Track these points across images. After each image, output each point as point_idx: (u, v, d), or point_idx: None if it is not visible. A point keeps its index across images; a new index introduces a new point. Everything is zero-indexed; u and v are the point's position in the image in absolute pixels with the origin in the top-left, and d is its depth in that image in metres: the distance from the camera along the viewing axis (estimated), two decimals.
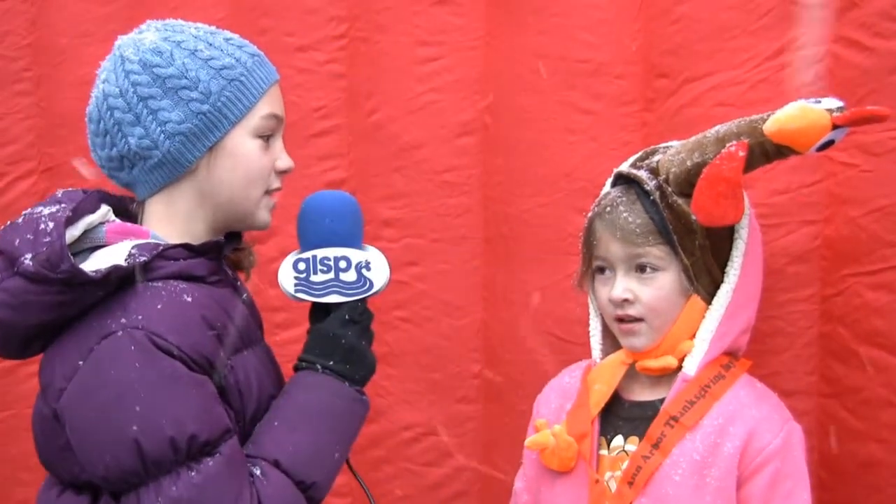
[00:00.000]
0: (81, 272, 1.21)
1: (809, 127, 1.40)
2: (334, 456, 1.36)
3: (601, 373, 1.59)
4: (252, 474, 1.26)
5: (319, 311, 1.44)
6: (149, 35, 1.35)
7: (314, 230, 1.43)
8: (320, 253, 1.41)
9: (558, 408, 1.66)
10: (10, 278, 1.24)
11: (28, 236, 1.24)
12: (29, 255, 1.22)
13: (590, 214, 1.61)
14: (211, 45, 1.34)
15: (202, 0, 2.24)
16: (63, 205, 1.31)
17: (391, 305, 2.16)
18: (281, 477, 1.28)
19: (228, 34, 1.39)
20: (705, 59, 1.79)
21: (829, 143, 1.44)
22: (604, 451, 1.58)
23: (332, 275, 1.40)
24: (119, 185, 1.42)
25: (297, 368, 1.40)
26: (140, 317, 1.23)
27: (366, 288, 1.41)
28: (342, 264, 1.40)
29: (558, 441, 1.58)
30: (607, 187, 1.65)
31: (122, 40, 1.38)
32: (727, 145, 1.45)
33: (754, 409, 1.49)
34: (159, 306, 1.25)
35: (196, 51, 1.33)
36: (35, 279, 1.22)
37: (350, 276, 1.40)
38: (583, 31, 1.92)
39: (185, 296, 1.28)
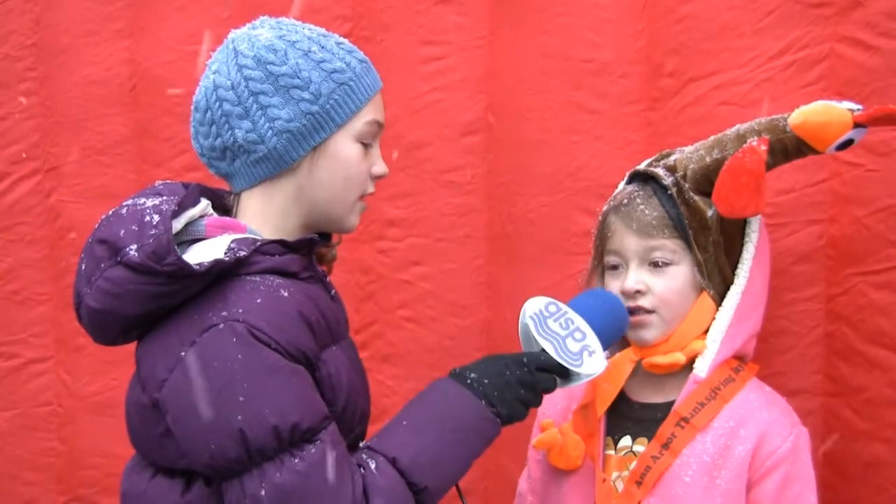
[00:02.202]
0: (187, 265, 1.23)
1: (833, 122, 1.42)
2: (454, 467, 1.36)
3: (607, 371, 1.58)
4: (365, 466, 1.28)
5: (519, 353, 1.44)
6: (264, 32, 1.37)
7: (590, 305, 1.46)
8: (573, 314, 1.43)
9: (564, 408, 1.66)
10: (113, 267, 1.27)
11: (133, 227, 1.27)
12: (134, 246, 1.25)
13: (604, 209, 1.61)
14: (323, 47, 1.36)
15: None
16: (165, 197, 1.33)
17: (396, 305, 2.16)
18: (394, 474, 1.28)
19: (340, 38, 1.41)
20: (709, 58, 1.79)
21: (848, 143, 1.45)
22: (610, 451, 1.58)
23: (564, 333, 1.41)
24: (217, 174, 1.43)
25: (451, 374, 1.40)
26: (241, 310, 1.25)
27: (575, 362, 1.39)
28: (577, 335, 1.41)
29: (566, 440, 1.58)
30: (621, 186, 1.65)
31: (235, 34, 1.39)
32: (748, 141, 1.46)
33: (765, 413, 1.49)
34: (258, 300, 1.27)
35: (309, 52, 1.35)
36: (140, 270, 1.24)
37: (574, 346, 1.40)
38: (587, 31, 1.92)
39: (283, 291, 1.30)
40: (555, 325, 1.41)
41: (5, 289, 2.55)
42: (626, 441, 1.57)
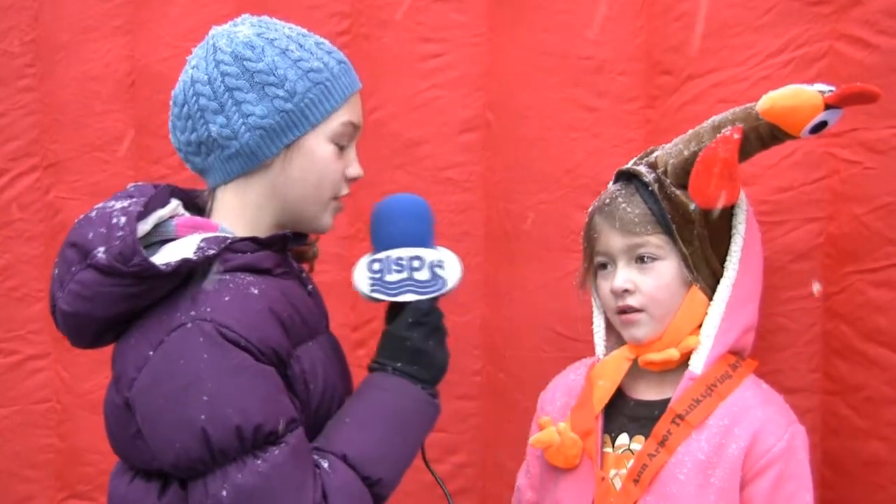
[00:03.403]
0: (152, 265, 1.24)
1: (801, 105, 1.41)
2: (402, 455, 1.38)
3: (604, 369, 1.59)
4: (319, 466, 1.29)
5: (394, 312, 1.46)
6: (243, 29, 1.38)
7: (387, 232, 1.46)
8: (394, 253, 1.44)
9: (563, 406, 1.66)
10: (83, 270, 1.27)
11: (101, 230, 1.28)
12: (102, 249, 1.25)
13: (590, 210, 1.62)
14: (302, 46, 1.37)
15: None
16: (135, 199, 1.33)
17: None
18: (348, 471, 1.30)
19: (319, 38, 1.42)
20: (708, 56, 1.79)
21: (823, 125, 1.44)
22: (608, 449, 1.58)
23: (406, 274, 1.43)
24: (193, 169, 1.44)
25: (370, 369, 1.43)
26: (209, 309, 1.26)
27: (439, 286, 1.43)
28: (416, 263, 1.43)
29: (563, 438, 1.58)
30: (609, 186, 1.66)
31: (216, 30, 1.40)
32: (722, 131, 1.46)
33: (759, 411, 1.49)
34: (227, 298, 1.27)
35: (287, 50, 1.35)
36: (107, 272, 1.25)
37: (424, 274, 1.42)
38: (586, 29, 1.91)
39: (253, 288, 1.30)
40: (393, 277, 1.43)
41: (3, 285, 2.55)
42: (623, 439, 1.57)
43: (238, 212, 1.40)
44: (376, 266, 1.44)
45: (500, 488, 2.02)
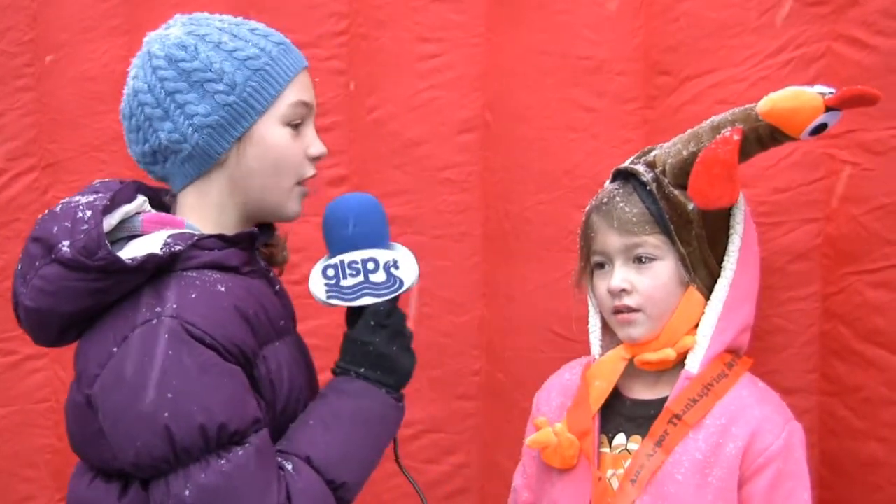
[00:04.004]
0: (118, 259, 1.23)
1: (801, 107, 1.41)
2: (366, 458, 1.38)
3: (600, 369, 1.59)
4: (283, 468, 1.28)
5: (354, 316, 1.45)
6: (174, 30, 1.37)
7: (339, 235, 1.43)
8: (347, 257, 1.41)
9: (559, 406, 1.66)
10: (47, 265, 1.26)
11: (66, 224, 1.26)
12: (66, 243, 1.24)
13: (587, 209, 1.62)
14: (235, 36, 1.36)
15: None
16: (100, 194, 1.33)
17: None
18: (312, 474, 1.29)
19: (254, 24, 1.41)
20: (706, 56, 1.79)
21: (822, 128, 1.44)
22: (605, 449, 1.58)
23: (361, 277, 1.41)
24: (155, 178, 1.44)
25: (334, 373, 1.42)
26: (175, 306, 1.25)
27: (396, 286, 1.41)
28: (370, 266, 1.41)
29: (560, 439, 1.58)
30: (606, 184, 1.66)
31: (149, 37, 1.39)
32: (722, 132, 1.46)
33: (756, 410, 1.49)
34: (193, 295, 1.26)
35: (220, 43, 1.34)
36: (72, 266, 1.24)
37: (379, 276, 1.40)
38: (584, 29, 1.91)
39: (219, 286, 1.30)
40: (349, 281, 1.41)
41: (2, 285, 2.54)
42: (620, 439, 1.57)
43: (202, 212, 1.38)
44: (331, 272, 1.42)
45: (499, 488, 2.02)
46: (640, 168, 1.56)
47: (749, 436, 1.46)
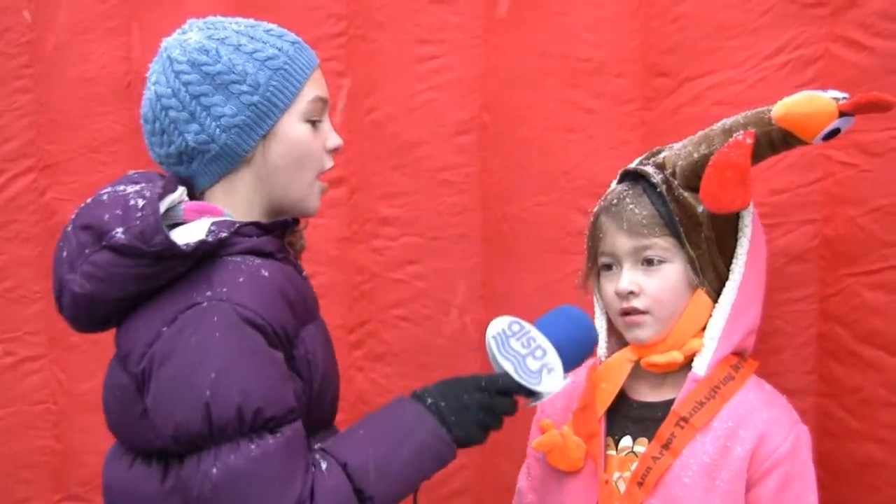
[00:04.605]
0: (175, 245, 1.27)
1: (816, 113, 1.41)
2: (402, 482, 1.36)
3: (606, 371, 1.58)
4: (316, 465, 1.30)
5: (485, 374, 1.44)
6: (192, 35, 1.40)
7: (555, 323, 1.45)
8: (536, 334, 1.43)
9: (564, 408, 1.65)
10: (98, 252, 1.30)
11: (117, 212, 1.30)
12: (120, 229, 1.28)
13: (595, 209, 1.61)
14: (253, 38, 1.40)
15: None
16: (143, 184, 1.37)
17: (390, 304, 2.16)
18: (343, 477, 1.30)
19: (268, 25, 1.45)
20: (704, 58, 1.79)
21: (835, 133, 1.43)
22: (611, 452, 1.57)
23: (525, 352, 1.41)
24: (178, 178, 1.45)
25: (413, 394, 1.41)
26: (225, 289, 1.29)
27: (533, 381, 1.39)
28: (538, 353, 1.41)
29: (566, 442, 1.58)
30: (613, 185, 1.65)
31: (167, 42, 1.43)
32: (734, 135, 1.46)
33: (764, 412, 1.49)
34: (241, 279, 1.30)
35: (240, 45, 1.38)
36: (126, 252, 1.27)
37: (534, 365, 1.40)
38: (583, 30, 1.91)
39: (263, 270, 1.34)
40: (516, 345, 1.42)
41: (0, 285, 2.55)
42: (626, 441, 1.57)
43: (230, 208, 1.42)
44: (516, 328, 1.43)
45: (497, 489, 2.02)
46: (650, 170, 1.55)
47: (756, 438, 1.46)
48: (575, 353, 1.46)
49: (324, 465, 1.30)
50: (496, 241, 2.06)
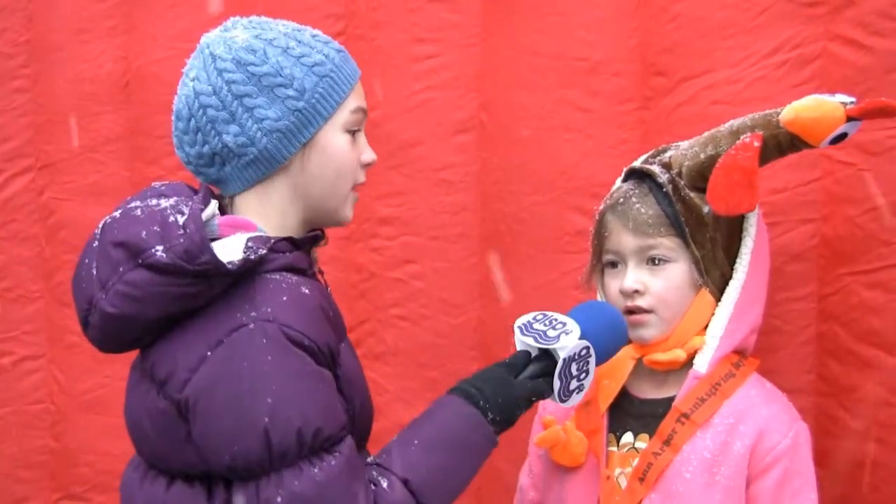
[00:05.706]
0: (221, 263, 1.22)
1: (824, 117, 1.41)
2: (458, 486, 1.35)
3: (609, 368, 1.58)
4: (377, 483, 1.27)
5: (518, 359, 1.43)
6: (238, 33, 1.35)
7: (597, 324, 1.44)
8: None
9: None
10: (133, 270, 1.24)
11: (155, 228, 1.24)
12: (161, 248, 1.22)
13: (601, 208, 1.61)
14: (300, 42, 1.35)
15: None
16: (175, 198, 1.32)
17: (388, 303, 2.16)
18: (406, 494, 1.28)
19: (314, 31, 1.40)
20: (702, 57, 1.79)
21: (842, 137, 1.44)
22: (613, 448, 1.58)
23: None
24: (206, 181, 1.41)
25: (455, 390, 1.38)
26: (269, 309, 1.24)
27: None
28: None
29: (569, 437, 1.58)
30: (618, 183, 1.65)
31: (208, 38, 1.37)
32: (741, 137, 1.46)
33: (764, 409, 1.49)
34: (284, 298, 1.26)
35: (288, 48, 1.33)
36: (167, 271, 1.22)
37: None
38: (580, 29, 1.91)
39: (303, 288, 1.30)
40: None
41: None
42: (627, 437, 1.57)
43: (263, 217, 1.37)
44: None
45: (496, 489, 2.02)
46: (656, 169, 1.55)
47: (757, 434, 1.46)
48: (606, 337, 1.45)
49: (384, 483, 1.27)
50: (494, 241, 2.06)
